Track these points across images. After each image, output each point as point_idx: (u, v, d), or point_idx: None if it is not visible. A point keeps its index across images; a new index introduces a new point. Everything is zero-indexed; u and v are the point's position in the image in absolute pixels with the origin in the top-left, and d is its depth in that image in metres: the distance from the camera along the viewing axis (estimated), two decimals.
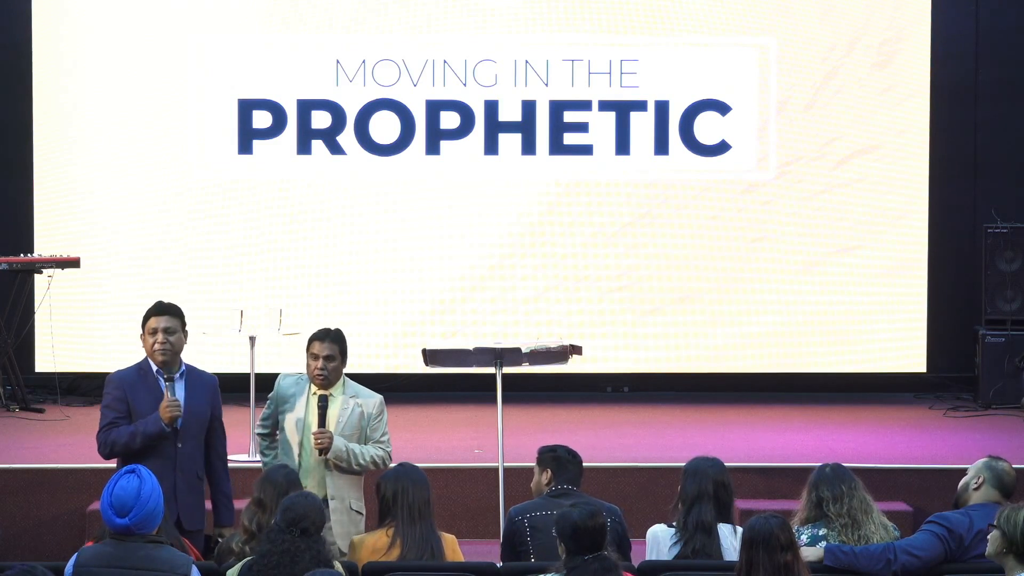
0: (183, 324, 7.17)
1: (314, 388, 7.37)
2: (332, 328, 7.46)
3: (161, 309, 7.14)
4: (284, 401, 7.41)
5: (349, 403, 7.39)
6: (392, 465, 6.99)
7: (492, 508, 8.49)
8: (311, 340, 7.41)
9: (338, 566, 5.84)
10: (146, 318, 7.15)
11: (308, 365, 7.38)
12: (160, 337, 7.06)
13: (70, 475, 9.12)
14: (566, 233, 11.95)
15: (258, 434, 7.57)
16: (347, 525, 7.27)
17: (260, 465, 7.51)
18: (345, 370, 7.53)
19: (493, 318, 11.89)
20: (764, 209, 11.99)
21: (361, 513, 7.39)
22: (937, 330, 12.09)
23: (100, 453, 7.18)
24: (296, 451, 7.33)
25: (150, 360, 7.13)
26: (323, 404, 7.29)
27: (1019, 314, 11.81)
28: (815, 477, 6.52)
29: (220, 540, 7.04)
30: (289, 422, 7.37)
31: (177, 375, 7.13)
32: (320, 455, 7.26)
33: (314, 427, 7.29)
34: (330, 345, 7.36)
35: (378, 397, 7.51)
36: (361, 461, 7.32)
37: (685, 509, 6.43)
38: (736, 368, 12.02)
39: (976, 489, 6.42)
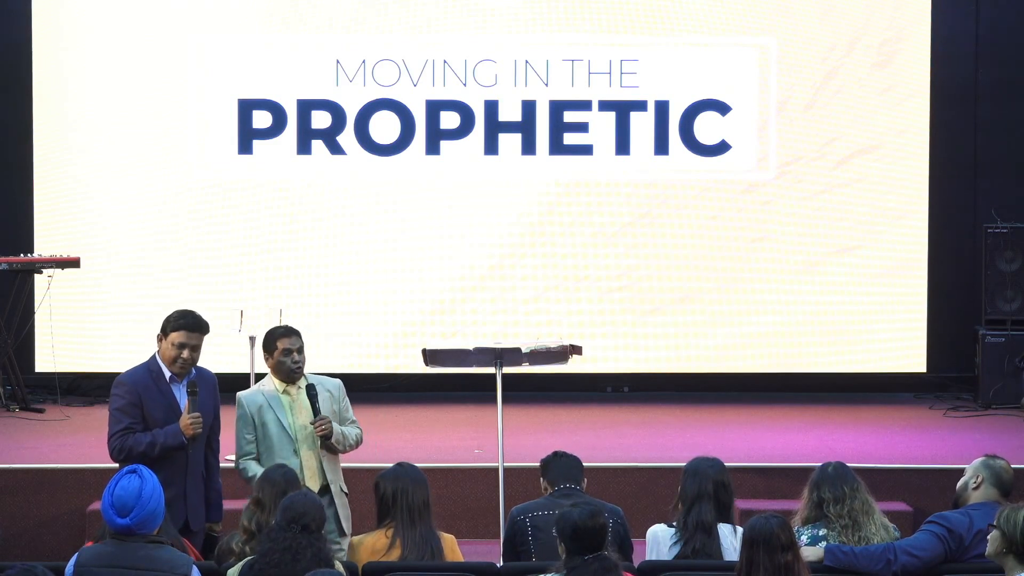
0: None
1: (280, 386, 7.41)
2: (285, 323, 7.62)
3: (196, 325, 7.07)
4: (256, 413, 7.41)
5: (319, 390, 7.47)
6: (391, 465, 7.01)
7: (492, 508, 8.49)
8: (278, 337, 7.43)
9: (338, 565, 5.84)
10: (177, 327, 7.04)
11: (280, 362, 7.40)
12: (186, 354, 7.03)
13: (70, 475, 9.12)
14: (566, 233, 11.95)
15: (252, 459, 7.41)
16: (344, 508, 7.43)
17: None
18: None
19: (493, 318, 11.88)
20: (764, 209, 11.99)
21: (347, 493, 7.53)
22: (937, 330, 12.09)
23: (113, 458, 7.07)
24: (291, 449, 7.35)
25: (161, 363, 7.10)
26: (312, 394, 7.38)
27: (1019, 314, 11.80)
28: (817, 476, 6.52)
29: (214, 535, 7.06)
30: (273, 427, 7.37)
31: (183, 382, 7.11)
32: (323, 442, 7.32)
33: (300, 419, 7.35)
34: (297, 338, 7.46)
35: (338, 380, 7.61)
36: (350, 441, 7.47)
37: (685, 509, 6.43)
38: (736, 368, 12.02)
39: (975, 488, 6.42)
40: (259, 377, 9.67)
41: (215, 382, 7.29)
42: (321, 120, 11.85)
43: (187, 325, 7.04)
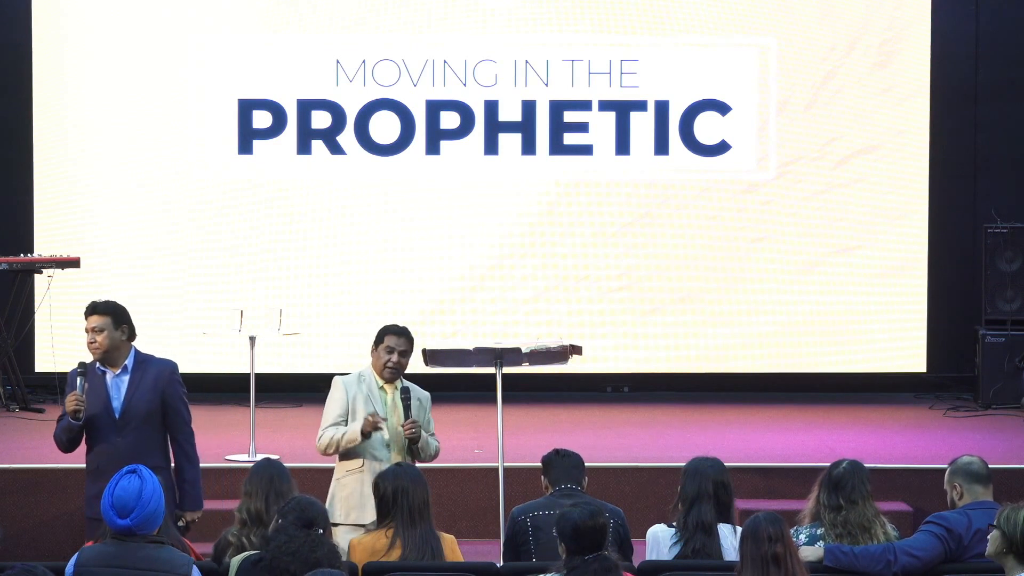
0: (117, 322, 7.18)
1: (379, 381, 7.45)
2: (402, 325, 7.60)
3: (90, 309, 7.22)
4: (353, 399, 7.43)
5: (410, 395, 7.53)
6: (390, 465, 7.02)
7: (492, 508, 8.49)
8: (385, 334, 7.50)
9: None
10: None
11: (379, 358, 7.47)
12: (88, 337, 7.18)
13: (70, 475, 9.10)
14: (566, 233, 11.95)
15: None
16: None
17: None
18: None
19: (493, 318, 11.88)
20: (764, 209, 11.99)
21: None
22: (937, 330, 12.09)
23: None
24: (383, 443, 7.39)
25: None
26: (406, 396, 7.44)
27: (1019, 314, 11.81)
28: (824, 476, 6.54)
29: (182, 524, 7.11)
30: (363, 418, 7.40)
31: (120, 371, 7.18)
32: (410, 444, 7.37)
33: (394, 418, 7.39)
34: (406, 341, 7.52)
35: (427, 392, 7.65)
36: (430, 451, 7.51)
37: (685, 509, 6.43)
38: (736, 368, 12.02)
39: (961, 498, 6.43)
40: (259, 377, 9.70)
41: (169, 371, 7.24)
42: (321, 120, 11.85)
43: (85, 311, 7.22)
